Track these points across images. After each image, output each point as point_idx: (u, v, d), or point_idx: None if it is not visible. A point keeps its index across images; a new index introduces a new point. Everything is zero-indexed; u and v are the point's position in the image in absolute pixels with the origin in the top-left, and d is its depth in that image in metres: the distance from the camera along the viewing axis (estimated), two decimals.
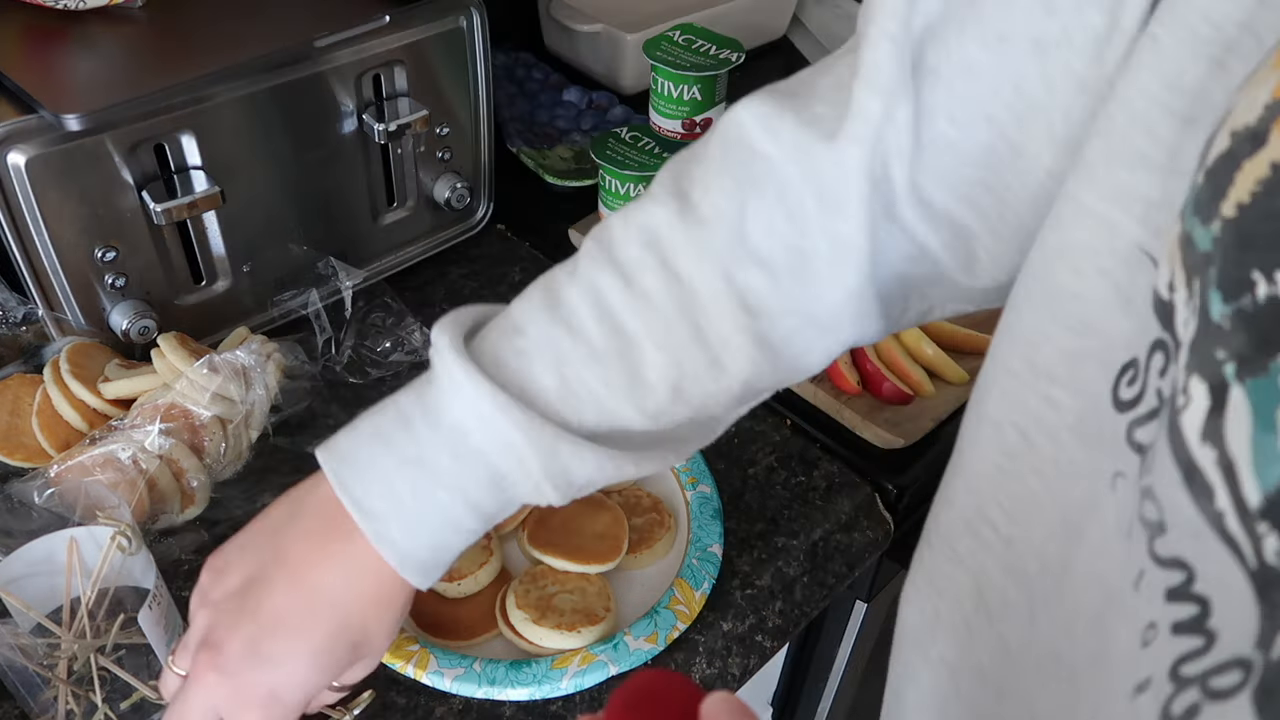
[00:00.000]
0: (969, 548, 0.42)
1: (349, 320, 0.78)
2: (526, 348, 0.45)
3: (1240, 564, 0.25)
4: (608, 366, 0.45)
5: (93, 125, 0.63)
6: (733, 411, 0.50)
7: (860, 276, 0.44)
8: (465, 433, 0.44)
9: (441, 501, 0.45)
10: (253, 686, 0.46)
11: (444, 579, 0.63)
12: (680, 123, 0.88)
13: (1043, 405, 0.37)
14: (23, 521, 0.62)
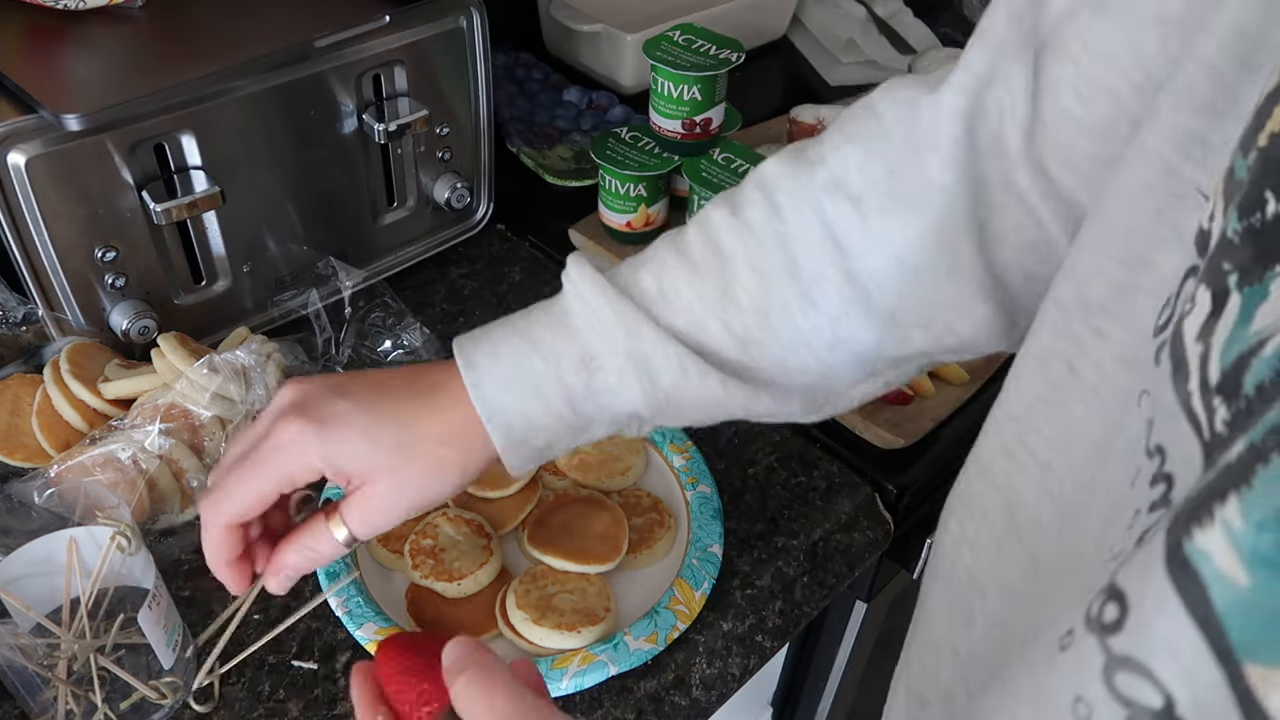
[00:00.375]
0: (1004, 470, 0.44)
1: (349, 320, 0.78)
2: (639, 263, 0.50)
3: (1198, 437, 0.27)
4: (702, 278, 0.48)
5: (93, 125, 0.63)
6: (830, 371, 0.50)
7: (951, 224, 0.45)
8: (567, 312, 0.48)
9: (535, 369, 0.47)
10: (319, 421, 0.47)
11: (444, 579, 0.63)
12: (680, 123, 0.88)
13: (1091, 337, 0.39)
14: (23, 521, 0.62)
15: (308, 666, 0.61)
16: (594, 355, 0.47)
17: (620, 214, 0.90)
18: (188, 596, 0.64)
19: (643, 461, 0.73)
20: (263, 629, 0.62)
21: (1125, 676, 0.28)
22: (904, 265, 0.47)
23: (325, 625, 0.63)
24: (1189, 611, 0.25)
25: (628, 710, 0.60)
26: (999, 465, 0.44)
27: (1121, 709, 0.28)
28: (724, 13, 1.17)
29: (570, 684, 0.59)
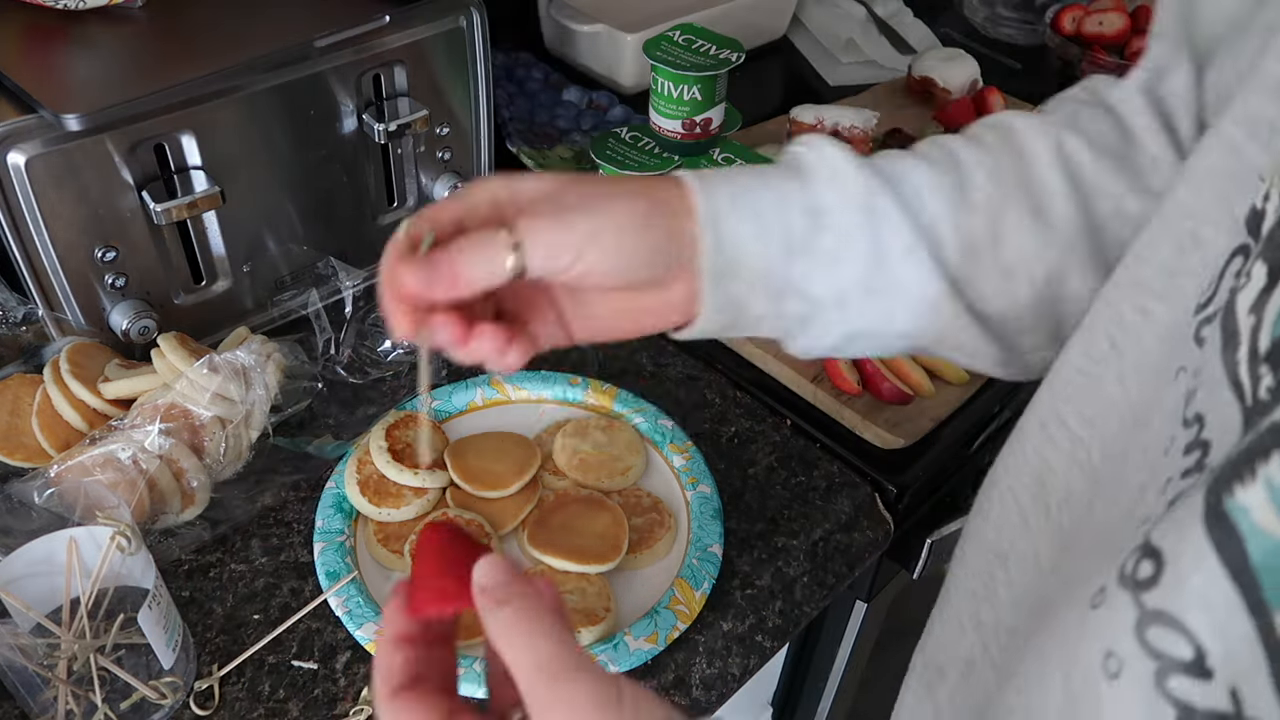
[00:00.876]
0: (1036, 445, 0.44)
1: (349, 320, 0.78)
2: (878, 154, 0.49)
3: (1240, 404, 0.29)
4: (939, 173, 0.47)
5: (93, 125, 0.63)
6: (1033, 315, 0.49)
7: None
8: (802, 164, 0.46)
9: (763, 199, 0.45)
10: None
11: None
12: (680, 123, 0.88)
13: (1136, 315, 0.40)
14: (23, 521, 0.62)
15: (308, 666, 0.61)
16: (825, 210, 0.45)
17: None
18: (188, 596, 0.64)
19: (643, 461, 0.73)
20: (263, 629, 0.62)
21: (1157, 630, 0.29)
22: (1132, 223, 0.47)
23: (325, 625, 0.63)
24: (1224, 565, 0.27)
25: None
26: (1032, 440, 0.44)
27: (1152, 661, 0.29)
28: (724, 13, 1.17)
29: None
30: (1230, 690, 0.27)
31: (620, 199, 0.42)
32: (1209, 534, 0.27)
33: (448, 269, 0.40)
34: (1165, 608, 0.29)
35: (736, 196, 0.44)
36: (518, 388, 0.78)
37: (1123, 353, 0.40)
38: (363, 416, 0.75)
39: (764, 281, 0.45)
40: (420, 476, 0.68)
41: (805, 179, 0.46)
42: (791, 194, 0.45)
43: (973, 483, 0.84)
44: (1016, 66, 1.30)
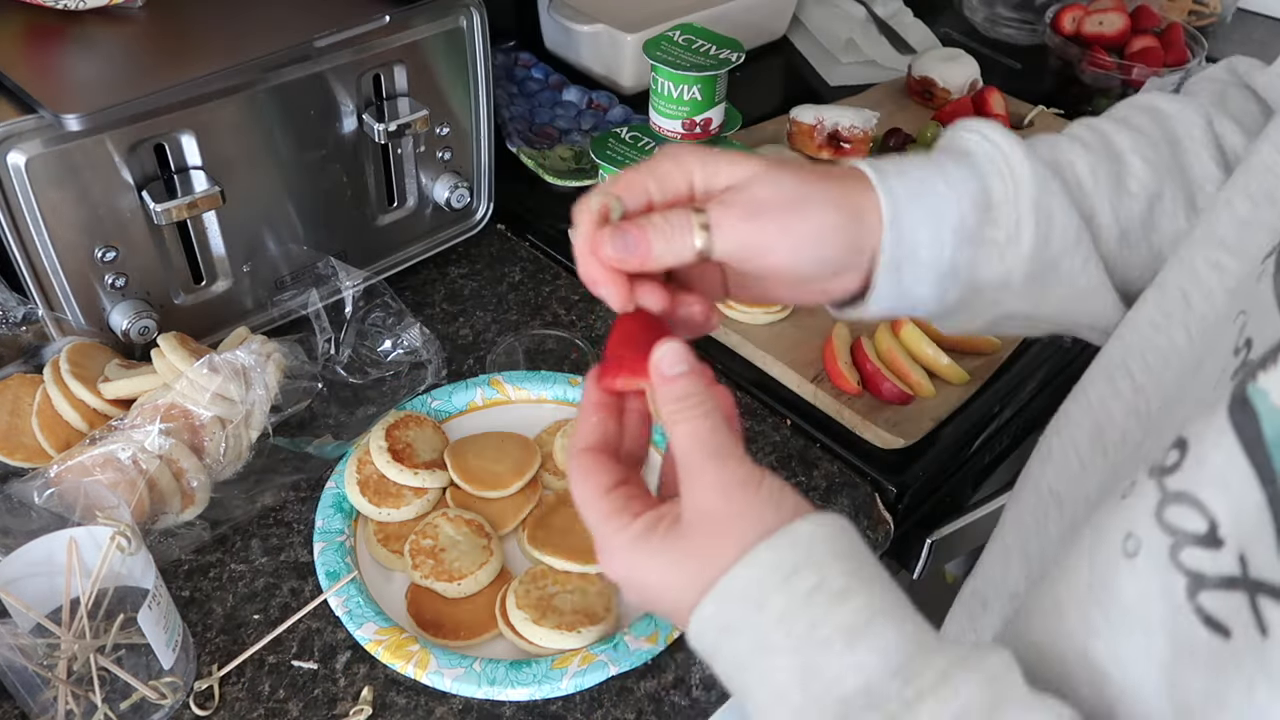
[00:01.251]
0: (1100, 394, 0.46)
1: (349, 320, 0.78)
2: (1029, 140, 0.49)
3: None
4: (1097, 159, 0.48)
5: (93, 125, 0.63)
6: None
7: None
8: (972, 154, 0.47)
9: (939, 190, 0.46)
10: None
11: (444, 579, 0.63)
12: (680, 123, 0.88)
13: (1209, 269, 0.41)
14: (23, 521, 0.62)
15: (308, 666, 0.61)
16: (996, 203, 0.46)
17: None
18: (188, 596, 0.64)
19: None
20: (263, 629, 0.62)
21: (1175, 509, 0.31)
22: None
23: (325, 625, 0.63)
24: (1241, 443, 0.29)
25: (628, 710, 0.60)
26: (1096, 389, 0.46)
27: (1168, 537, 0.31)
28: (724, 13, 1.17)
29: (570, 684, 0.59)
30: (1239, 555, 0.29)
31: (814, 208, 0.43)
32: (1230, 418, 0.29)
33: (642, 246, 0.42)
34: (1185, 488, 0.31)
35: (913, 192, 0.45)
36: (518, 388, 0.78)
37: (1192, 305, 0.42)
38: (363, 416, 0.75)
39: (932, 270, 0.46)
40: (420, 476, 0.68)
41: (976, 169, 0.47)
42: (963, 185, 0.46)
43: (973, 483, 0.84)
44: (1016, 66, 1.30)
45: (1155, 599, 0.31)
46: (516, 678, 0.59)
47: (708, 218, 0.42)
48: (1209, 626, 0.29)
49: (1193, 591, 0.30)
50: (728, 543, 0.37)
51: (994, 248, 0.47)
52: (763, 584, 0.36)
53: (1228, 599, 0.29)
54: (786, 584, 0.36)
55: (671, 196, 0.44)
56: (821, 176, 0.45)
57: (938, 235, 0.45)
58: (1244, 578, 0.28)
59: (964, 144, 0.48)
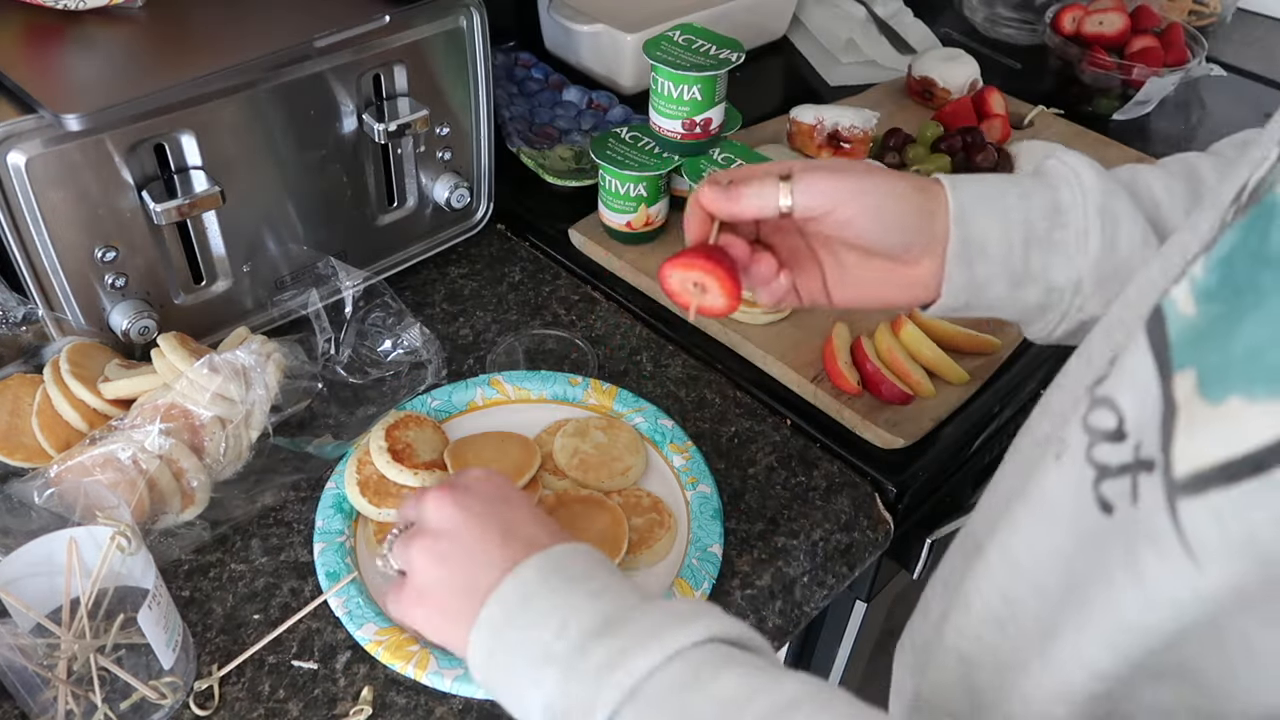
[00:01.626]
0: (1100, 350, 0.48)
1: (349, 320, 0.78)
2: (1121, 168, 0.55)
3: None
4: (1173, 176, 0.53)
5: (93, 125, 0.63)
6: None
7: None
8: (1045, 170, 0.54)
9: (1009, 196, 0.52)
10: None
11: None
12: (680, 123, 0.88)
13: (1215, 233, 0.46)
14: (23, 521, 0.62)
15: (308, 666, 0.61)
16: (1065, 209, 0.52)
17: (620, 214, 0.90)
18: (188, 596, 0.64)
19: (643, 461, 0.73)
20: (263, 629, 0.62)
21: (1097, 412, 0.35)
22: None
23: (325, 625, 0.63)
24: (1150, 346, 0.32)
25: None
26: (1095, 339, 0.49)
27: (1086, 437, 0.35)
28: (724, 13, 1.17)
29: None
30: (1135, 445, 0.33)
31: (883, 175, 0.52)
32: (1146, 327, 0.33)
33: (731, 192, 0.53)
34: (1106, 393, 0.35)
35: (982, 194, 0.52)
36: (518, 388, 0.78)
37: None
38: (363, 416, 0.75)
39: (1004, 267, 0.52)
40: (420, 476, 0.68)
41: (1048, 182, 0.53)
42: (1035, 196, 0.52)
43: (973, 483, 0.84)
44: (1016, 66, 1.30)
45: (1066, 492, 0.36)
46: None
47: (794, 178, 0.52)
48: (1101, 509, 0.34)
49: (1097, 481, 0.34)
50: (503, 560, 0.47)
51: (1063, 250, 0.52)
52: (524, 588, 0.45)
53: (1119, 483, 0.33)
54: (545, 582, 0.45)
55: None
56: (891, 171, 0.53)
57: (1006, 234, 0.51)
58: (1134, 461, 0.32)
59: (1044, 166, 0.54)
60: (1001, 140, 1.09)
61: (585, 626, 0.42)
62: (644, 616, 0.42)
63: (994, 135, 1.08)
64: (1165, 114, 1.21)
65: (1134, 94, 1.17)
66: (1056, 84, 1.24)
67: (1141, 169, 0.54)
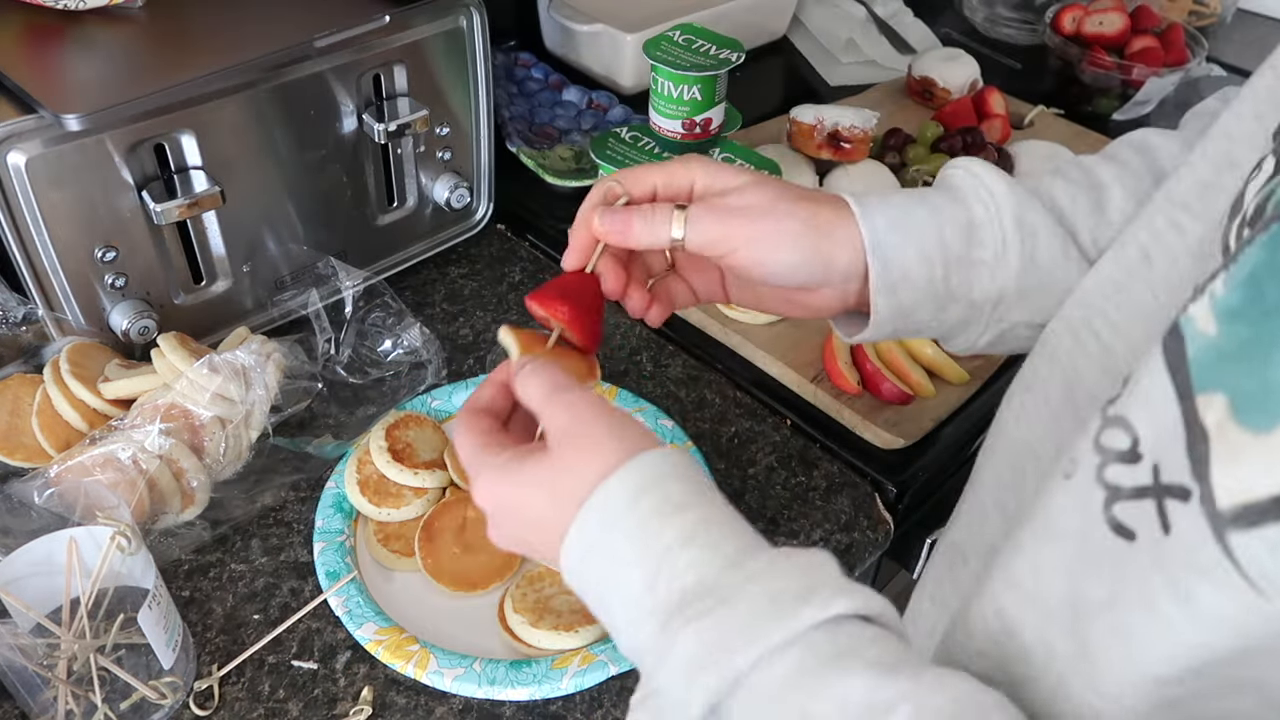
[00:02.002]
0: (1068, 350, 0.48)
1: (349, 320, 0.78)
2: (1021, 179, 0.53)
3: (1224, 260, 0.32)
4: (1077, 188, 0.52)
5: (93, 125, 0.63)
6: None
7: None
8: (954, 185, 0.52)
9: (920, 218, 0.50)
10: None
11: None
12: (680, 123, 0.88)
13: (1170, 230, 0.43)
14: (23, 521, 0.62)
15: (308, 666, 0.61)
16: (979, 224, 0.50)
17: None
18: (188, 596, 0.64)
19: None
20: (263, 629, 0.62)
21: (1110, 432, 0.34)
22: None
23: (325, 625, 0.63)
24: (1167, 365, 0.31)
25: (628, 710, 0.60)
26: (1063, 345, 0.48)
27: (1097, 457, 0.34)
28: (724, 13, 1.17)
29: (570, 684, 0.59)
30: (1153, 466, 0.31)
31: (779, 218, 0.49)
32: (1162, 346, 0.32)
33: (624, 226, 0.50)
34: (1119, 413, 0.34)
35: (895, 220, 0.50)
36: None
37: (1153, 263, 0.44)
38: (363, 416, 0.75)
39: (928, 291, 0.50)
40: (420, 476, 0.68)
41: (958, 198, 0.51)
42: (947, 213, 0.50)
43: None
44: (1016, 66, 1.30)
45: (1074, 513, 0.35)
46: (516, 678, 0.59)
47: (687, 214, 0.49)
48: (1117, 533, 0.33)
49: (1109, 503, 0.33)
50: (588, 457, 0.41)
51: (983, 267, 0.50)
52: (612, 508, 0.40)
53: (1138, 506, 0.32)
54: (633, 506, 0.40)
55: (673, 193, 0.51)
56: (802, 197, 0.50)
57: (925, 257, 0.49)
58: (1154, 485, 0.31)
59: (949, 178, 0.52)
60: (1001, 140, 1.09)
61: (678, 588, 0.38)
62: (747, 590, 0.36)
63: (994, 135, 1.08)
64: (1165, 114, 1.21)
65: (1134, 94, 1.17)
66: (1056, 84, 1.24)
67: (1044, 180, 0.53)
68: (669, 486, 0.40)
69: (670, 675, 0.37)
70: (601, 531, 0.40)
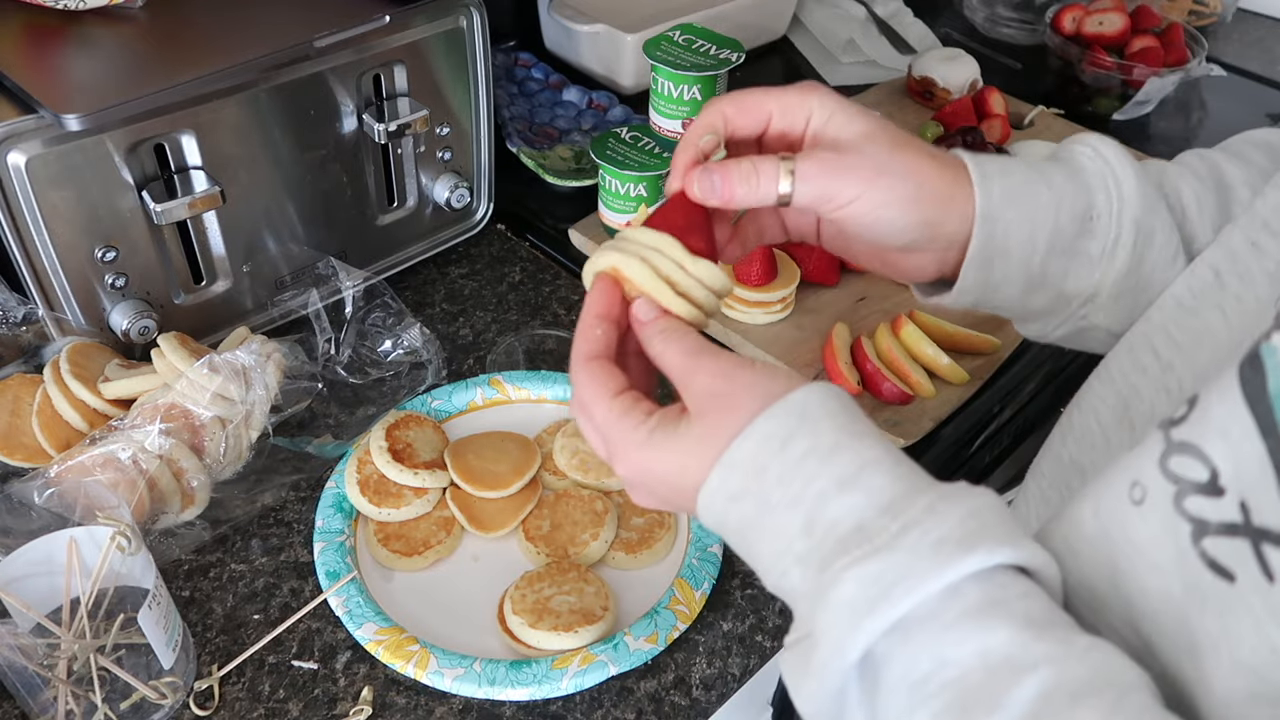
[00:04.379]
0: (1122, 368, 0.46)
1: (349, 320, 0.78)
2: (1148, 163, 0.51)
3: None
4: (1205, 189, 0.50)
5: (93, 125, 0.63)
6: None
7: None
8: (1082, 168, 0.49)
9: (1040, 196, 0.48)
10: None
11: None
12: (680, 123, 0.88)
13: (1246, 249, 0.42)
14: (23, 521, 0.62)
15: (308, 666, 0.61)
16: (1097, 216, 0.48)
17: (620, 214, 0.90)
18: (188, 596, 0.64)
19: None
20: (263, 629, 0.62)
21: (1179, 459, 0.33)
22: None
23: (325, 625, 0.63)
24: (1245, 397, 0.30)
25: (628, 710, 0.60)
26: (1119, 364, 0.47)
27: (1171, 485, 0.33)
28: (724, 13, 1.17)
29: (570, 684, 0.59)
30: (1240, 503, 0.30)
31: (893, 179, 0.46)
32: (1239, 374, 0.31)
33: (725, 189, 0.47)
34: (1188, 439, 0.33)
35: (1013, 194, 0.47)
36: (518, 388, 0.78)
37: (1225, 284, 0.42)
38: (363, 416, 0.75)
39: (1022, 271, 0.48)
40: (420, 476, 0.68)
41: (1083, 182, 0.48)
42: (1065, 193, 0.48)
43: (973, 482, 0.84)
44: (1016, 66, 1.30)
45: (1164, 543, 0.33)
46: (516, 678, 0.59)
47: (794, 165, 0.46)
48: (1213, 570, 0.31)
49: (1197, 537, 0.32)
50: (735, 417, 0.40)
51: (1086, 260, 0.48)
52: (761, 452, 0.39)
53: (1231, 545, 0.31)
54: (783, 449, 0.38)
55: (786, 126, 0.48)
56: (920, 155, 0.47)
57: (1031, 239, 0.47)
58: (1246, 525, 0.30)
59: (1076, 157, 0.49)
60: (1001, 140, 1.09)
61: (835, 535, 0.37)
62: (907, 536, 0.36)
63: (994, 135, 1.08)
64: (1165, 114, 1.21)
65: (1134, 94, 1.17)
66: (1056, 84, 1.24)
67: (1170, 172, 0.51)
68: (819, 426, 0.39)
69: (828, 619, 0.36)
70: (748, 477, 0.39)
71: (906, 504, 0.37)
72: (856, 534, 0.36)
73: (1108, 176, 0.48)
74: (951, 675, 0.33)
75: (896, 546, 0.35)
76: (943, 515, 0.36)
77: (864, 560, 0.35)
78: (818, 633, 0.36)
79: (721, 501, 0.40)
